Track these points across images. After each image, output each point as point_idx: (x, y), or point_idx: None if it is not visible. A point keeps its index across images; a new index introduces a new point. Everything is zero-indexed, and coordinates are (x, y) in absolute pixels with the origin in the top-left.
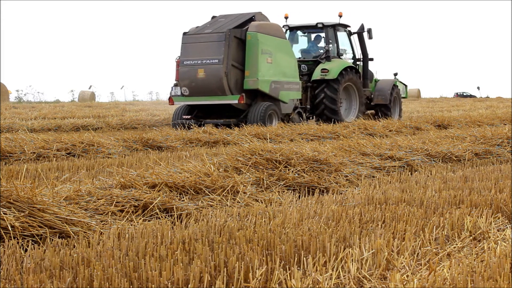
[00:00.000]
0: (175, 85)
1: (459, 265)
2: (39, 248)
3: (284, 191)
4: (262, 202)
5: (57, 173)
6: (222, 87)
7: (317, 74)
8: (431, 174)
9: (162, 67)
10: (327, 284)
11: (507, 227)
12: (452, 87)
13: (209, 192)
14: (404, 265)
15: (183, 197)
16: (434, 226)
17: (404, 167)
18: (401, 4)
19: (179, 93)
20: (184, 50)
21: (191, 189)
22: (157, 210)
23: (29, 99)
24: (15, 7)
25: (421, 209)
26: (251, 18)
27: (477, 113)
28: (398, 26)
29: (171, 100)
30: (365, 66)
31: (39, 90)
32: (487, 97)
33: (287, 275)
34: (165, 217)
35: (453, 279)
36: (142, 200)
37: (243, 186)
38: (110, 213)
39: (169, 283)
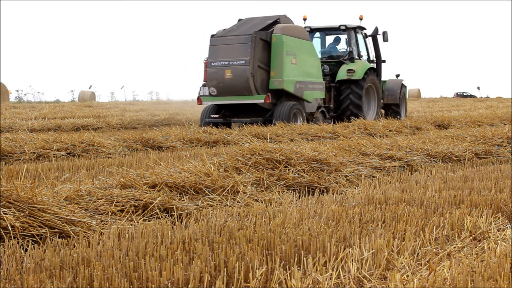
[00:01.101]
0: (203, 85)
1: (459, 265)
2: (39, 248)
3: (284, 191)
4: (262, 202)
5: (57, 173)
6: (249, 87)
7: (342, 75)
8: (431, 174)
9: (162, 67)
10: (327, 284)
11: (507, 227)
12: (452, 87)
13: (209, 192)
14: (404, 265)
15: (183, 197)
16: (434, 226)
17: (404, 167)
18: (401, 4)
19: (207, 93)
20: (212, 52)
21: (191, 189)
22: (157, 210)
23: (29, 99)
24: (15, 7)
25: (421, 209)
26: (276, 21)
27: (477, 113)
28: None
29: (199, 99)
30: (379, 67)
31: (39, 90)
32: (487, 97)
33: (287, 275)
34: (165, 217)
35: (453, 279)
36: (142, 200)
37: (243, 186)
38: (110, 213)
39: (169, 283)
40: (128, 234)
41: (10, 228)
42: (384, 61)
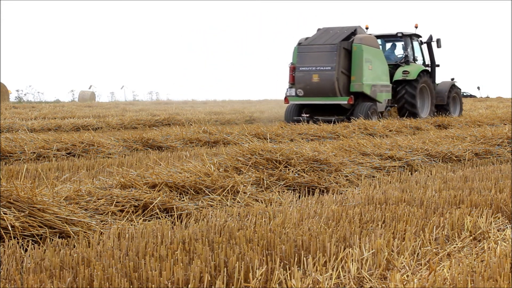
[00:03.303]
0: (290, 87)
1: (459, 265)
2: (39, 248)
3: (284, 191)
4: (262, 202)
5: (57, 173)
6: (334, 89)
7: (398, 75)
8: (431, 174)
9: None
10: (327, 284)
11: (507, 227)
12: None
13: (209, 192)
14: (404, 265)
15: (183, 197)
16: (434, 226)
17: (404, 167)
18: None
19: (293, 94)
20: (300, 58)
21: (191, 189)
22: (157, 210)
23: (29, 99)
24: (15, 7)
25: (421, 209)
26: (354, 31)
27: (477, 113)
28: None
29: (286, 99)
30: (433, 71)
31: (39, 90)
32: (487, 97)
33: (287, 275)
34: (165, 217)
35: (453, 279)
36: (142, 200)
37: (243, 186)
38: (110, 213)
39: (169, 283)
40: (128, 234)
41: (10, 228)
42: (438, 65)
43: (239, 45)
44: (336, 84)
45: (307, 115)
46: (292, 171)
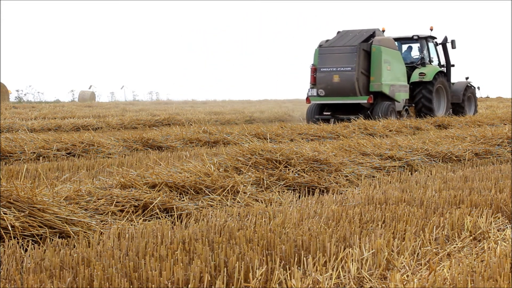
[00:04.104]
0: (311, 87)
1: (459, 265)
2: (39, 248)
3: (284, 191)
4: (262, 202)
5: (57, 173)
6: (354, 89)
7: (415, 77)
8: (431, 174)
9: (162, 67)
10: (327, 284)
11: (507, 227)
12: None
13: (209, 192)
14: (404, 265)
15: (183, 197)
16: (434, 226)
17: (404, 167)
18: (402, 4)
19: (315, 94)
20: (321, 60)
21: (191, 189)
22: (157, 210)
23: (29, 99)
24: (15, 7)
25: (421, 209)
26: (373, 34)
27: (477, 113)
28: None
29: (308, 99)
30: (448, 71)
31: (39, 90)
32: (487, 97)
33: (287, 275)
34: (165, 217)
35: (453, 279)
36: (142, 200)
37: (243, 186)
38: (110, 213)
39: (169, 283)
40: (128, 234)
41: (10, 228)
42: (453, 66)
43: (239, 45)
44: (356, 84)
45: (329, 114)
46: (292, 171)
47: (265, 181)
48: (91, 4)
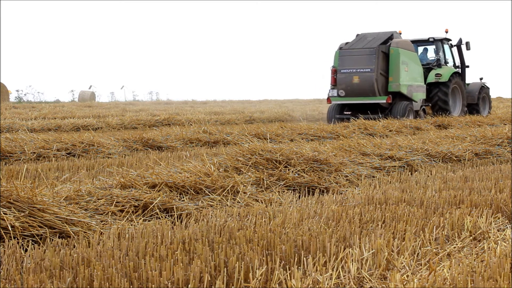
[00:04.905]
0: (332, 88)
1: (459, 265)
2: (39, 248)
3: (284, 191)
4: (262, 202)
5: (57, 173)
6: (374, 90)
7: (431, 78)
8: (431, 174)
9: (162, 67)
10: (327, 284)
11: (507, 227)
12: None
13: (209, 192)
14: (404, 265)
15: (183, 197)
16: (434, 226)
17: (404, 167)
18: (402, 4)
19: (335, 95)
20: (341, 61)
21: (191, 189)
22: (157, 210)
23: (29, 99)
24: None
25: (421, 209)
26: (391, 36)
27: None
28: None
29: (328, 99)
30: (463, 72)
31: (39, 90)
32: None
33: (287, 275)
34: (165, 217)
35: (453, 279)
36: (142, 200)
37: (243, 186)
38: (110, 213)
39: (169, 283)
40: (128, 234)
41: (10, 228)
42: (467, 66)
43: (239, 45)
44: (375, 84)
45: (349, 113)
46: (292, 171)
47: (265, 181)
48: (91, 4)
